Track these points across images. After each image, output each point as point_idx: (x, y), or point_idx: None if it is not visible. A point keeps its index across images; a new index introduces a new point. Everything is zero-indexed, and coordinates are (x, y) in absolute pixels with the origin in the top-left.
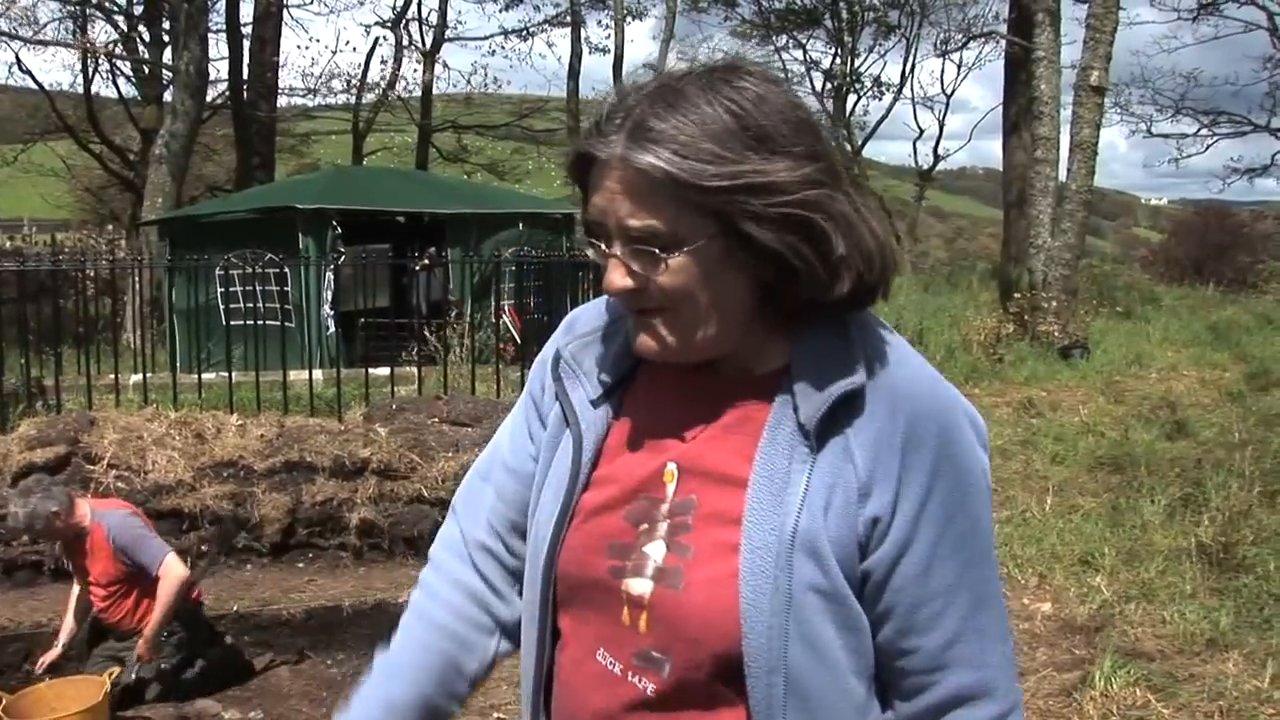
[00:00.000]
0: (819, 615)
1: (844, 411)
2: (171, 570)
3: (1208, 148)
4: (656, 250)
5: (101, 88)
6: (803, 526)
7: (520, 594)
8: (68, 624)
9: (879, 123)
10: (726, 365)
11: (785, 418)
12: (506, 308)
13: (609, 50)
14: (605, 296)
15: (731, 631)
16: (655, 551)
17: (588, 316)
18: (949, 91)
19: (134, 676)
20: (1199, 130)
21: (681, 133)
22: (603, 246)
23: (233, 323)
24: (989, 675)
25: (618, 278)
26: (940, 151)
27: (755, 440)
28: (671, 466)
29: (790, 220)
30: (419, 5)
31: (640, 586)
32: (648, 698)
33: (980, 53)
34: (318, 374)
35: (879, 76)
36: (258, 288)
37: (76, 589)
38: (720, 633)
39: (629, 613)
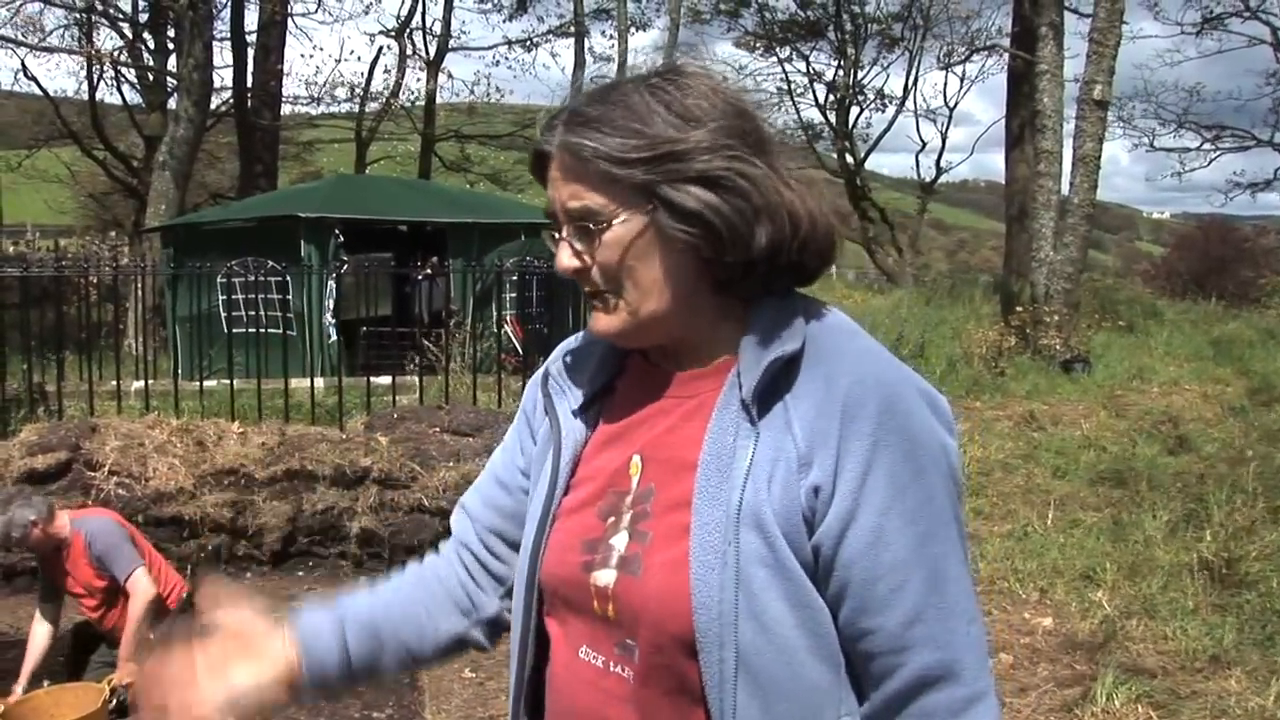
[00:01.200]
0: (767, 590)
1: (784, 383)
2: (138, 586)
3: (1210, 162)
4: (591, 226)
5: (106, 94)
6: (747, 500)
7: (500, 598)
8: (28, 665)
9: (881, 135)
10: (687, 358)
11: (732, 397)
12: (508, 317)
13: (613, 61)
14: None
15: (684, 610)
16: (619, 542)
17: (577, 339)
18: (952, 104)
19: (115, 701)
20: (1201, 144)
21: (609, 116)
22: (555, 235)
23: (234, 330)
24: (953, 655)
25: (564, 257)
26: (943, 164)
27: (707, 423)
28: (636, 458)
29: (704, 179)
30: (423, 15)
31: (605, 577)
32: (630, 685)
33: (983, 66)
34: (319, 382)
35: (882, 89)
36: (260, 295)
37: (38, 624)
38: (675, 613)
39: (598, 605)
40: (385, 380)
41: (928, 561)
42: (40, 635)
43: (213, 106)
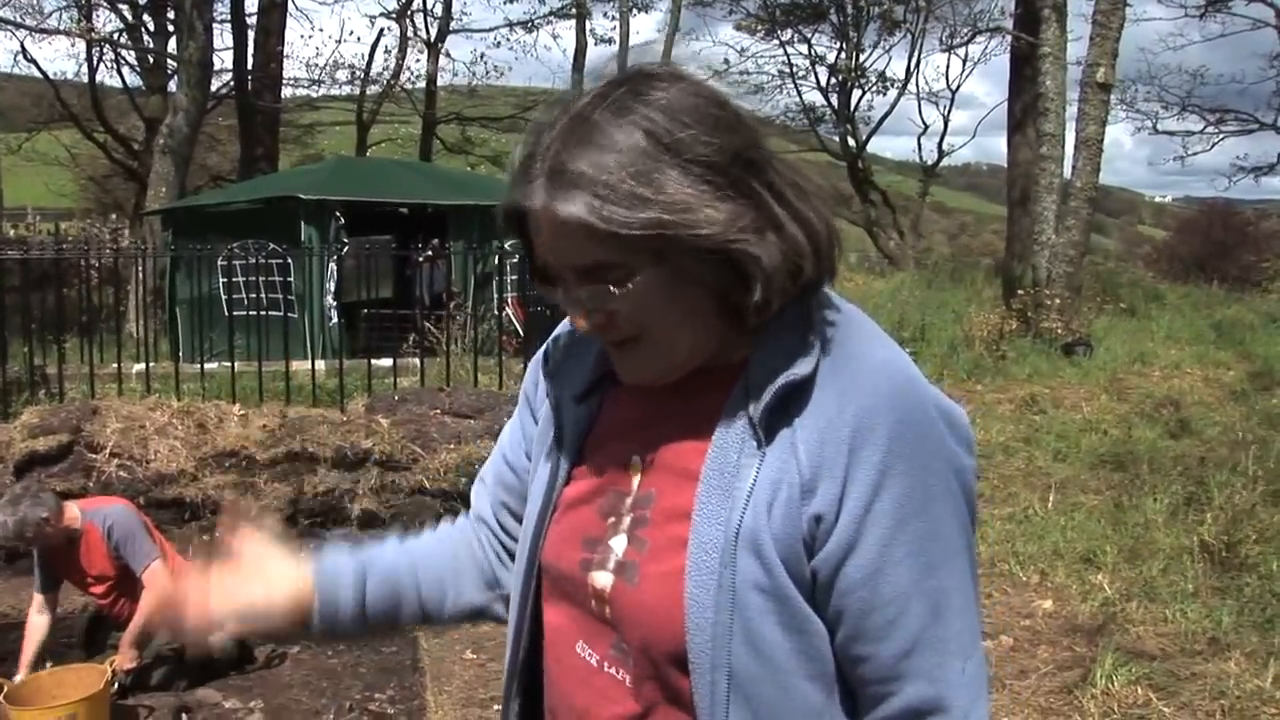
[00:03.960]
0: (762, 615)
1: (794, 403)
2: (156, 580)
3: (1213, 146)
4: (608, 284)
5: (106, 77)
6: (746, 523)
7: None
8: (29, 653)
9: (883, 118)
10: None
11: (739, 411)
12: (510, 299)
13: (614, 42)
14: None
15: (677, 628)
16: (618, 545)
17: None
18: (954, 87)
19: (118, 683)
20: (1205, 128)
21: (599, 172)
22: (559, 292)
23: (235, 313)
24: (943, 691)
25: (581, 319)
26: (944, 147)
27: (712, 434)
28: (636, 459)
29: (714, 253)
30: None
31: (603, 580)
32: (626, 688)
33: (986, 48)
34: (320, 365)
35: (884, 71)
36: (260, 278)
37: (38, 614)
38: (667, 629)
39: (595, 605)
40: (386, 362)
41: (929, 594)
42: (40, 624)
43: (213, 89)
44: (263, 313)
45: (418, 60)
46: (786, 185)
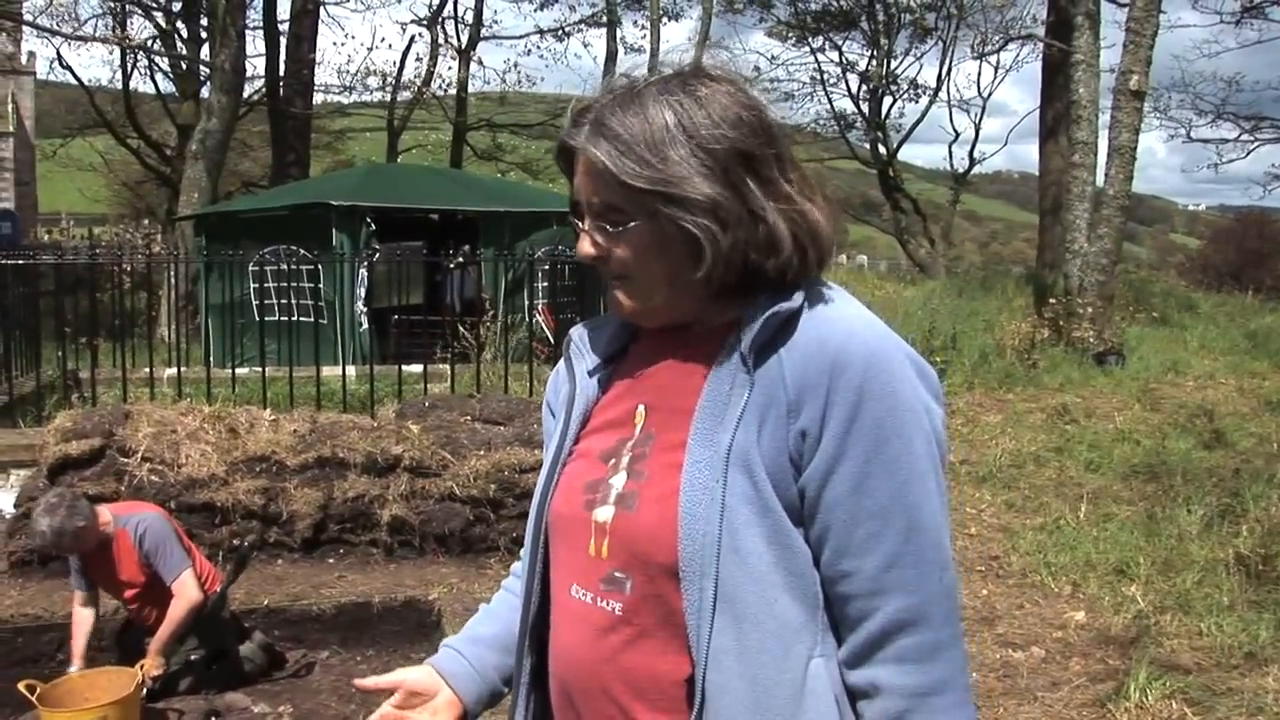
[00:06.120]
0: (749, 527)
1: (780, 337)
2: (185, 590)
3: (1249, 153)
4: (610, 225)
5: (140, 84)
6: (738, 441)
7: None
8: (80, 644)
9: (914, 125)
10: (695, 324)
11: (732, 350)
12: (540, 307)
13: (645, 50)
14: None
15: (672, 541)
16: (618, 481)
17: (597, 317)
18: (985, 94)
19: (146, 689)
20: (1240, 135)
21: (626, 131)
22: (580, 223)
23: (267, 318)
24: (923, 601)
25: (585, 245)
26: (976, 155)
27: (708, 374)
28: (640, 408)
29: (684, 229)
30: (455, 3)
31: (604, 514)
32: (616, 617)
33: (1018, 55)
34: (351, 370)
35: (915, 79)
36: (291, 284)
37: (82, 609)
38: (665, 544)
39: (595, 542)
40: (416, 369)
41: (906, 510)
42: (86, 616)
43: (245, 95)
44: (294, 318)
45: (449, 67)
46: (787, 185)
